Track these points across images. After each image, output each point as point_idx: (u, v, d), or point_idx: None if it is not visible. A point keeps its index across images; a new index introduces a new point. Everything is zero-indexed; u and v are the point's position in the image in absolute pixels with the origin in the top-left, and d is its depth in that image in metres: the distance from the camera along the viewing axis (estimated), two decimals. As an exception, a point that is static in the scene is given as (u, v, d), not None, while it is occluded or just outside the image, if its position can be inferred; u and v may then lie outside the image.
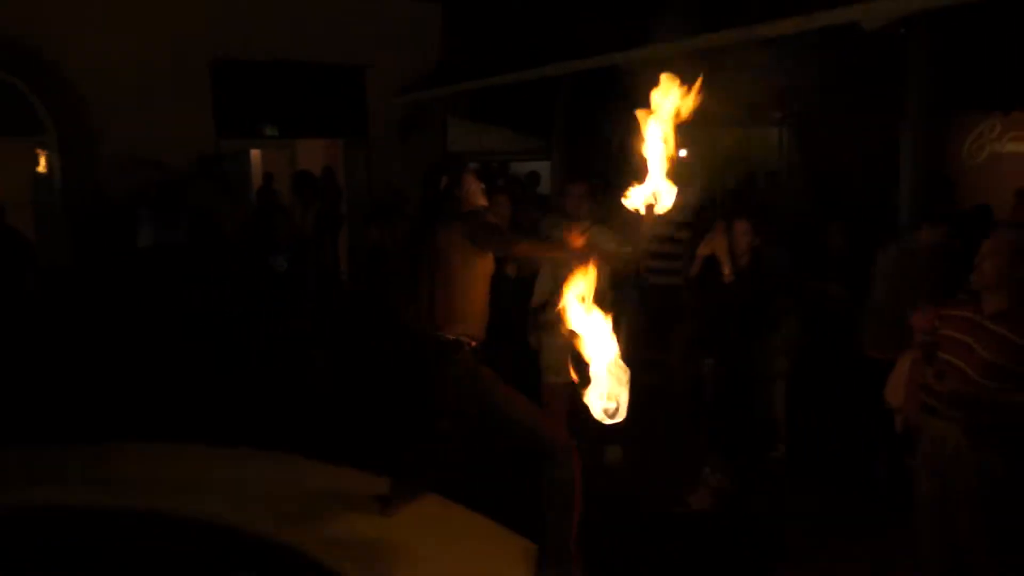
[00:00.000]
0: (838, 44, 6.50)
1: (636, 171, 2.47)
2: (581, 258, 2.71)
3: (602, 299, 4.82)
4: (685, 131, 2.42)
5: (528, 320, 5.09)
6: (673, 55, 7.09)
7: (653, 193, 2.46)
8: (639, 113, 2.42)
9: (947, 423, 3.03)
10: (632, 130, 2.46)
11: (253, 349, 6.37)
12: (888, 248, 4.67)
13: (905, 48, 5.73)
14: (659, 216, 5.76)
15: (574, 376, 2.46)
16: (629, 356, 2.36)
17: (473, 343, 3.25)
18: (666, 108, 2.41)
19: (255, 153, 10.74)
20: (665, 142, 2.42)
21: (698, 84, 2.39)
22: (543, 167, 12.15)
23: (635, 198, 2.47)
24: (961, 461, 2.99)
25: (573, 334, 2.31)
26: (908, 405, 3.36)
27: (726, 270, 4.58)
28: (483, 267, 3.28)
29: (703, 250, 4.72)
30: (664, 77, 2.41)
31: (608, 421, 2.29)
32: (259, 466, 4.00)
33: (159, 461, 4.06)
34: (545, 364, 4.95)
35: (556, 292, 4.84)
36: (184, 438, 4.29)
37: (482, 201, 3.40)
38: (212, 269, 6.72)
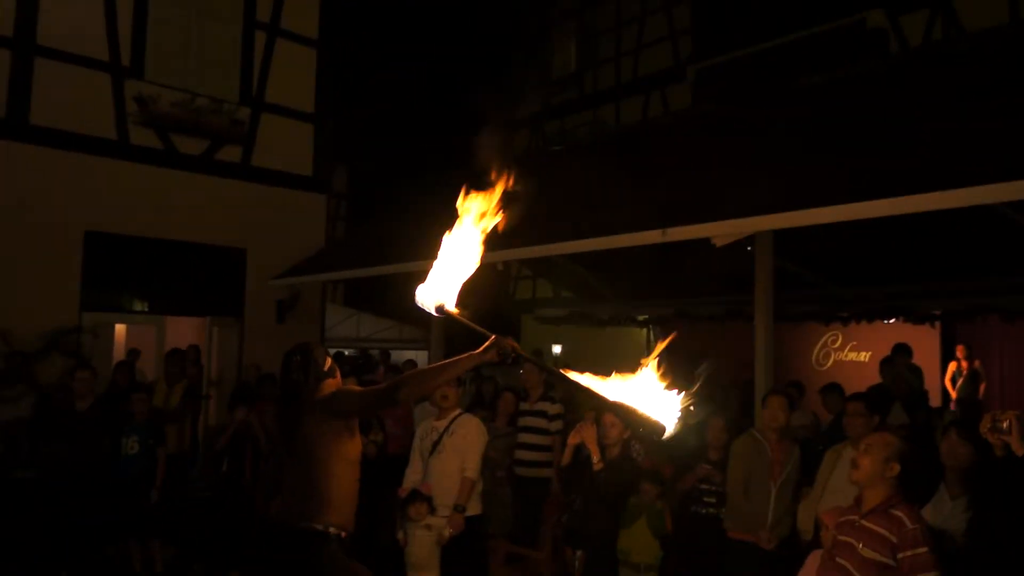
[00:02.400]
0: (693, 256, 7.09)
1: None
2: (485, 353, 2.67)
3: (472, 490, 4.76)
4: (559, 331, 2.60)
5: (392, 511, 4.90)
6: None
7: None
8: None
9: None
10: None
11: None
12: (743, 439, 4.91)
13: (751, 263, 6.35)
14: (531, 407, 5.85)
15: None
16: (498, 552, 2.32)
17: (343, 534, 3.09)
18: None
19: (119, 328, 10.32)
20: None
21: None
22: (422, 356, 12.24)
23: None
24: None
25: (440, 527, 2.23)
26: None
27: (595, 458, 4.64)
28: (351, 449, 3.19)
29: (573, 439, 4.79)
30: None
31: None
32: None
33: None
34: (412, 560, 4.73)
35: (426, 480, 4.80)
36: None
37: (335, 370, 3.32)
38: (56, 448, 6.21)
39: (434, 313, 2.66)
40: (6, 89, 8.76)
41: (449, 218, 2.69)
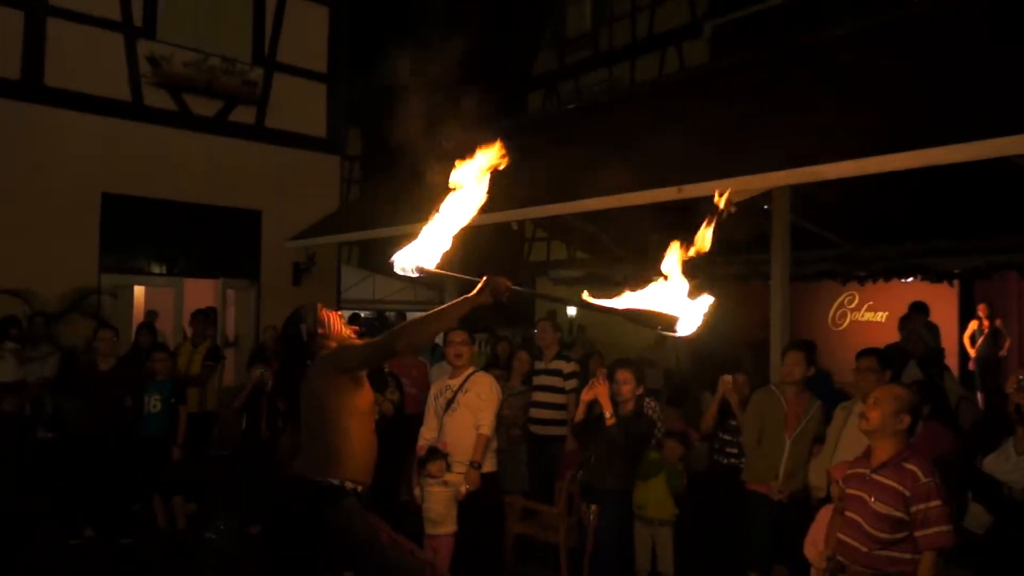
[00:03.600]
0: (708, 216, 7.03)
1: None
2: (479, 295, 2.72)
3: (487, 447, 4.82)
4: (574, 293, 2.60)
5: (409, 469, 4.96)
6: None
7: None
8: None
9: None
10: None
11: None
12: (760, 392, 4.95)
13: (768, 222, 6.29)
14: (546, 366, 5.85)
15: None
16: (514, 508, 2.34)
17: (359, 488, 3.13)
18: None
19: (138, 289, 10.43)
20: None
21: None
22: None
23: None
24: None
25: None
26: (830, 551, 3.42)
27: (608, 414, 4.67)
28: (361, 401, 3.20)
29: (586, 395, 4.82)
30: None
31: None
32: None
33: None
34: (430, 516, 4.80)
35: (441, 438, 4.85)
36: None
37: (348, 331, 3.37)
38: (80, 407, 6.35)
39: (414, 274, 2.72)
40: (20, 50, 8.77)
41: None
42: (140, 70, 9.56)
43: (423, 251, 2.72)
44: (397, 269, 2.72)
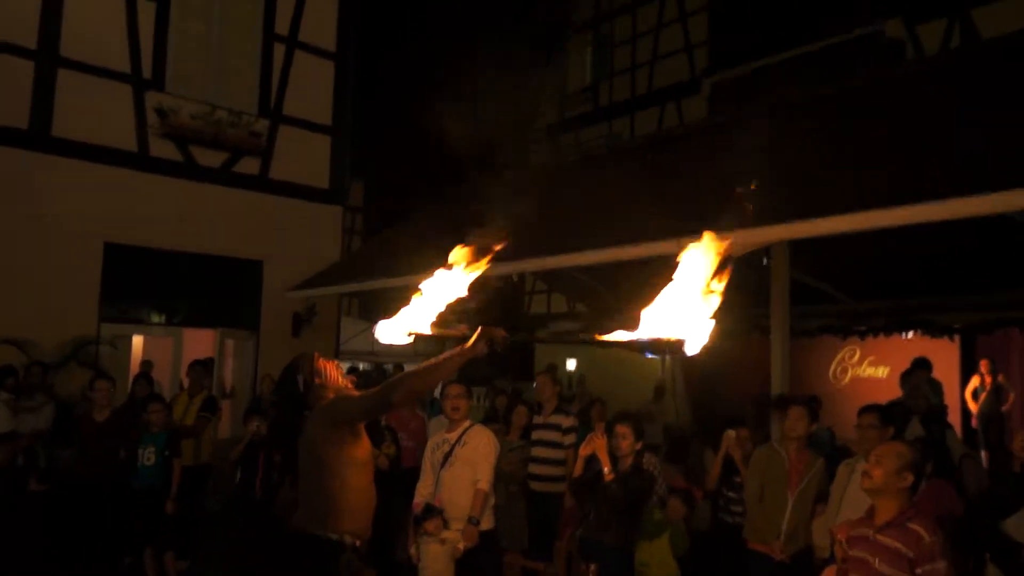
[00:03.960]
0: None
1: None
2: (475, 346, 2.70)
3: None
4: (574, 346, 2.59)
5: (406, 525, 4.87)
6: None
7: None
8: None
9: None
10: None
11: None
12: (763, 449, 4.89)
13: (768, 276, 6.31)
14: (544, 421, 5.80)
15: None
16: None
17: (357, 542, 3.07)
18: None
19: (136, 339, 10.40)
20: None
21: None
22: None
23: None
24: None
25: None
26: None
27: (606, 470, 4.61)
28: (359, 452, 3.16)
29: (585, 450, 4.77)
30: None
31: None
32: None
33: None
34: (426, 574, 4.70)
35: (438, 494, 4.78)
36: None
37: (345, 381, 3.34)
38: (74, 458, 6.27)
39: (405, 341, 2.75)
40: (29, 100, 8.90)
41: (460, 233, 2.72)
42: (148, 121, 9.70)
43: (413, 316, 2.72)
44: (385, 340, 2.73)
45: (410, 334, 2.74)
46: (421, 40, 18.56)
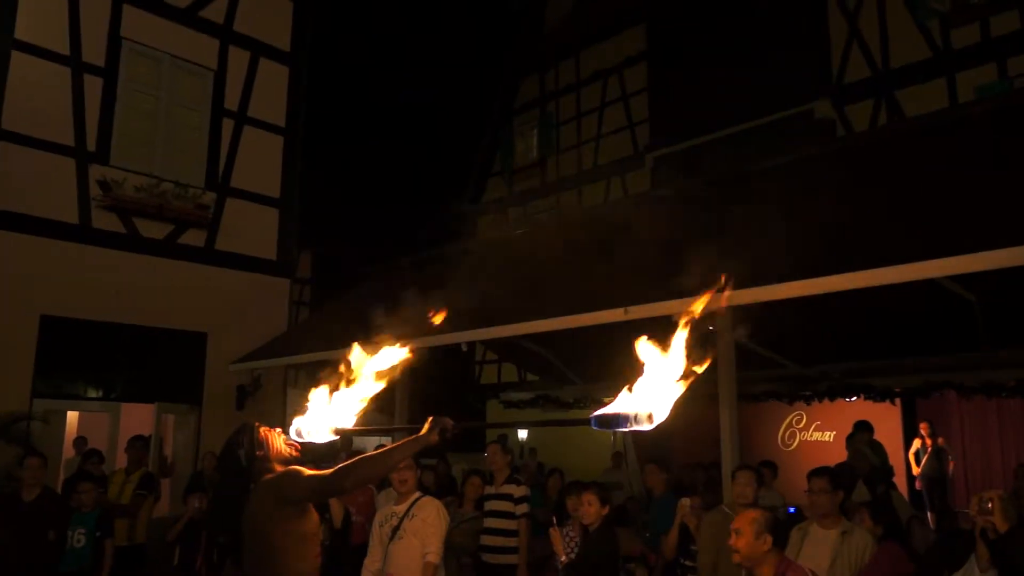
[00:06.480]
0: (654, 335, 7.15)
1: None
2: (428, 435, 2.68)
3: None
4: (525, 415, 2.60)
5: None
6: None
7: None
8: None
9: None
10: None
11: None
12: (713, 513, 4.89)
13: (715, 342, 6.41)
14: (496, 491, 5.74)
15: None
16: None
17: None
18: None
19: (71, 414, 10.00)
20: None
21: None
22: (387, 442, 11.99)
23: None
24: None
25: None
26: None
27: (561, 558, 4.63)
28: (307, 526, 3.05)
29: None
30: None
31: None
32: None
33: None
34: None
35: (386, 569, 4.64)
36: None
37: (289, 450, 3.21)
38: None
39: (329, 439, 2.81)
40: (-33, 174, 8.72)
41: (405, 309, 2.76)
42: (91, 193, 9.57)
43: (338, 412, 2.71)
44: (305, 437, 2.73)
45: (338, 431, 2.71)
46: (370, 115, 18.88)
